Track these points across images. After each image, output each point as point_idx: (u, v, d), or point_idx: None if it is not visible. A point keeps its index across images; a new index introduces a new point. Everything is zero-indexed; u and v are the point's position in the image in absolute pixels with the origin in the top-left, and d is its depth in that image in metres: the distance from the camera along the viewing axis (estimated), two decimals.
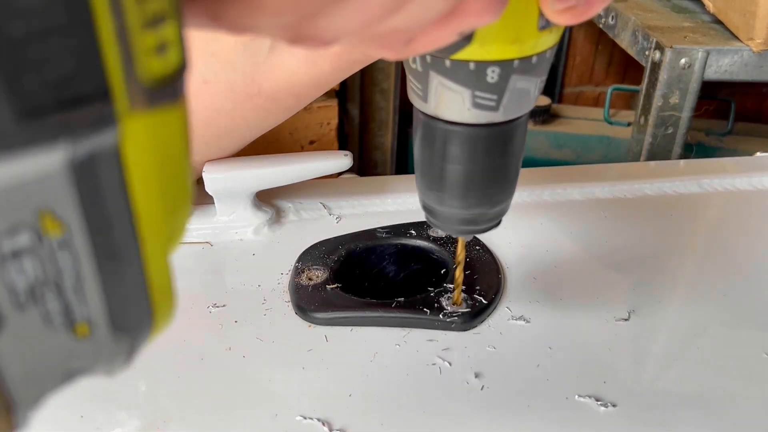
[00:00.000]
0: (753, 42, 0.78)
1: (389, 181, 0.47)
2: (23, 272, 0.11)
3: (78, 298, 0.12)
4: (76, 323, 0.12)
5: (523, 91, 0.24)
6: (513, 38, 0.22)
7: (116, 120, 0.11)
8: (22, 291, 0.11)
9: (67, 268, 0.12)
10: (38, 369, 0.12)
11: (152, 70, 0.11)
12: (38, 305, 0.12)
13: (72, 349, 0.12)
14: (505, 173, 0.27)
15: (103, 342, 0.13)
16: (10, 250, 0.11)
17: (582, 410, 0.30)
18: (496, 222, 0.29)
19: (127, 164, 0.11)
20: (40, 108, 0.10)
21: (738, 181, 0.48)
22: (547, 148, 1.22)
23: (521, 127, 0.26)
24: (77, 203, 0.11)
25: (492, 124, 0.24)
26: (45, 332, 0.12)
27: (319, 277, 0.37)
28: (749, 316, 0.36)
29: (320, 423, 0.29)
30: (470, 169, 0.26)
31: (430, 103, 0.24)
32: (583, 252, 0.41)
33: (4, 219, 0.10)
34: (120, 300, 0.13)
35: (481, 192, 0.27)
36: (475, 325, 0.34)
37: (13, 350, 0.11)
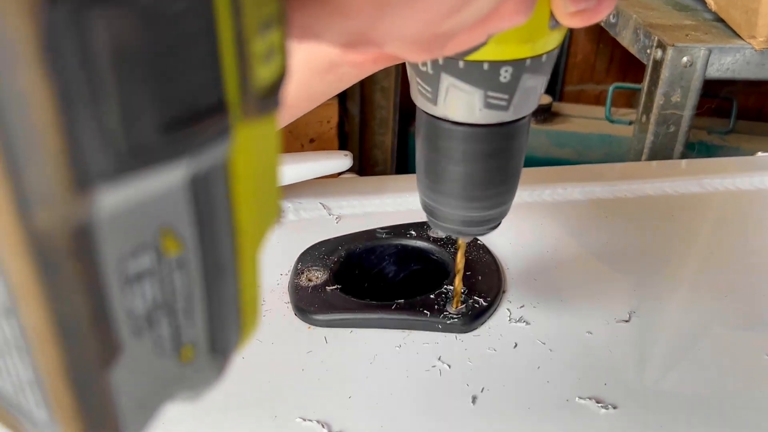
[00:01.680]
0: (755, 40, 0.77)
1: (389, 181, 0.47)
2: (143, 296, 0.11)
3: (187, 320, 0.12)
4: (182, 346, 0.12)
5: (532, 90, 0.24)
6: (526, 37, 0.22)
7: (230, 131, 0.11)
8: (140, 316, 0.11)
9: (181, 289, 0.11)
10: (145, 397, 0.12)
11: (263, 78, 0.11)
12: (153, 330, 0.11)
13: (175, 375, 0.12)
14: (508, 173, 0.27)
15: (202, 365, 0.12)
16: (134, 273, 0.10)
17: (582, 412, 0.30)
18: (496, 223, 0.29)
19: (235, 176, 0.11)
20: (177, 120, 0.10)
21: (739, 180, 0.48)
22: (548, 147, 1.22)
23: (526, 126, 0.26)
24: (194, 220, 0.11)
25: (501, 123, 0.25)
26: (155, 359, 0.11)
27: (319, 278, 0.37)
28: (750, 316, 0.36)
29: (319, 425, 0.29)
30: (476, 169, 0.26)
31: (440, 105, 0.24)
32: (584, 252, 0.41)
33: (132, 239, 0.10)
34: (219, 319, 0.12)
35: (486, 192, 0.27)
36: (475, 327, 0.34)
37: (127, 380, 0.11)
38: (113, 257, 0.10)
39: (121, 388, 0.11)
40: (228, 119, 0.10)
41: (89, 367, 0.10)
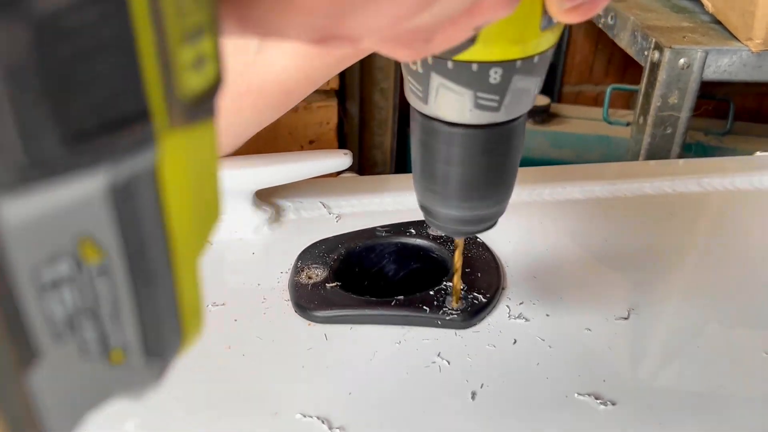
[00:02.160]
0: (752, 42, 0.78)
1: (389, 180, 0.47)
2: (62, 302, 0.11)
3: (114, 325, 0.11)
4: (111, 350, 0.12)
5: (524, 91, 0.24)
6: (516, 38, 0.22)
7: (155, 140, 0.10)
8: (60, 321, 0.11)
9: (105, 295, 0.11)
10: (72, 399, 0.12)
11: (191, 86, 0.11)
12: (75, 335, 0.11)
13: (106, 377, 0.12)
14: (503, 174, 0.27)
15: (136, 367, 0.12)
16: (50, 280, 0.10)
17: (581, 409, 0.30)
18: (492, 222, 0.29)
19: (163, 184, 0.11)
20: (85, 131, 0.09)
21: (738, 180, 0.49)
22: (546, 148, 1.22)
23: (520, 127, 0.26)
24: (116, 228, 0.11)
25: (493, 124, 0.24)
26: (80, 362, 0.11)
27: (319, 276, 0.37)
28: (749, 315, 0.36)
29: (320, 421, 0.29)
30: (470, 170, 0.26)
31: (430, 105, 0.24)
32: (583, 250, 0.41)
33: (45, 248, 0.10)
34: (153, 323, 0.12)
35: (480, 193, 0.27)
36: (475, 324, 0.34)
37: (49, 383, 0.11)
38: (25, 265, 0.10)
39: (43, 391, 0.11)
40: (151, 128, 0.10)
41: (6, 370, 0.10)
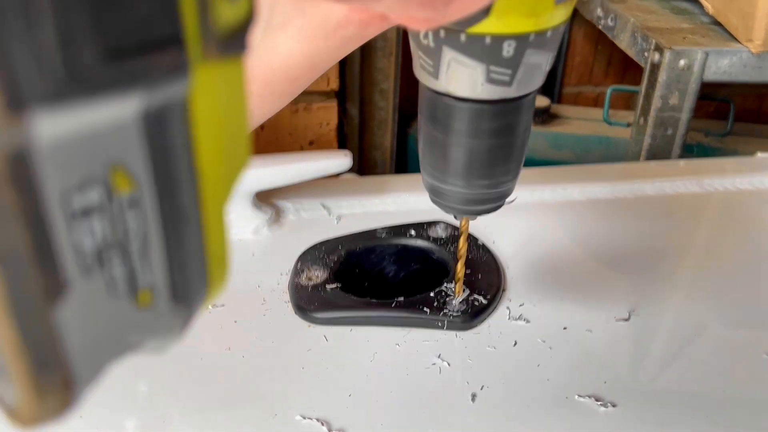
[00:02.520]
0: (752, 43, 0.78)
1: (389, 181, 0.47)
2: (92, 233, 0.10)
3: (143, 264, 0.11)
4: (139, 291, 0.11)
5: (536, 66, 0.23)
6: (530, 11, 0.22)
7: (188, 68, 0.10)
8: (89, 253, 0.10)
9: (135, 230, 0.11)
10: (98, 341, 0.11)
11: (225, 18, 0.11)
12: (104, 270, 0.11)
13: (132, 320, 0.11)
14: (513, 151, 0.26)
15: (162, 312, 0.12)
16: (80, 208, 0.10)
17: (582, 410, 0.30)
18: (499, 203, 0.29)
19: (194, 118, 0.11)
20: (123, 49, 0.09)
21: (738, 181, 0.48)
22: (546, 149, 1.22)
23: (530, 104, 0.26)
24: (148, 159, 0.10)
25: (504, 100, 0.24)
26: (108, 300, 0.11)
27: (319, 277, 0.37)
28: (749, 316, 0.36)
29: (319, 423, 0.29)
30: (480, 146, 0.26)
31: (441, 80, 0.24)
32: (583, 252, 0.41)
33: (77, 172, 0.09)
34: (181, 267, 0.12)
35: (490, 170, 0.26)
36: (475, 325, 0.34)
37: (76, 320, 0.10)
38: (56, 189, 0.09)
39: (70, 328, 0.10)
40: (185, 56, 0.10)
41: (33, 302, 0.10)
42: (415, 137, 1.26)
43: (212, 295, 0.13)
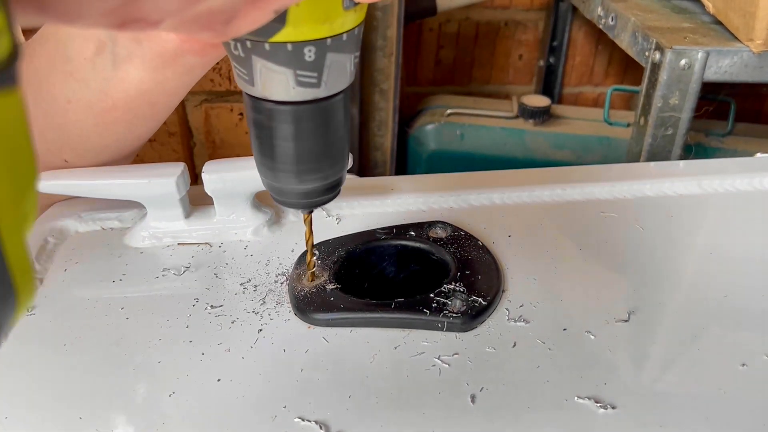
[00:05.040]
0: (753, 43, 0.78)
1: (389, 182, 0.47)
2: None
3: None
4: None
5: (341, 66, 0.26)
6: (323, 19, 0.24)
7: None
8: None
9: None
10: None
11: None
12: None
13: None
14: (332, 146, 0.29)
15: None
16: None
17: (581, 412, 0.30)
18: (335, 192, 0.31)
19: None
20: None
21: (738, 181, 0.48)
22: (547, 149, 1.22)
23: (343, 101, 0.28)
24: None
25: (316, 99, 0.26)
26: None
27: (319, 278, 0.37)
28: (750, 318, 0.36)
29: (318, 425, 0.29)
30: (302, 144, 0.28)
31: (257, 86, 0.26)
32: (583, 252, 0.41)
33: None
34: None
35: (315, 165, 0.29)
36: (475, 326, 0.34)
37: None
38: None
39: None
40: None
41: None
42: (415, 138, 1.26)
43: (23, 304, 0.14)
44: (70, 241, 0.42)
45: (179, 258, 0.40)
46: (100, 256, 0.40)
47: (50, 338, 0.34)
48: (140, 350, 0.33)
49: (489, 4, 1.33)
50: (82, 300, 0.37)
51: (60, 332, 0.34)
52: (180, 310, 0.36)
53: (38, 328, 0.35)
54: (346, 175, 0.31)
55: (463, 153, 1.23)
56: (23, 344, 0.34)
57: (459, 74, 1.40)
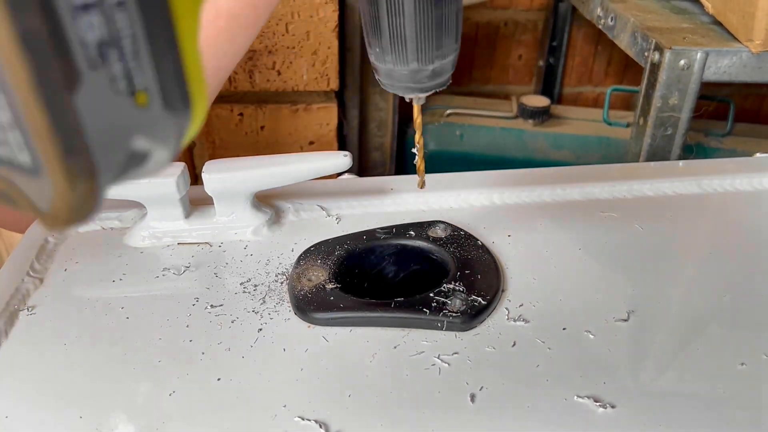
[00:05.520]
0: (752, 43, 0.78)
1: (389, 182, 0.47)
2: (92, 27, 0.12)
3: (136, 65, 0.13)
4: (137, 91, 0.13)
5: None
6: None
7: None
8: (92, 46, 0.12)
9: (124, 29, 0.13)
10: (110, 132, 0.13)
11: None
12: (105, 66, 0.13)
13: (134, 118, 0.13)
14: (450, 22, 0.29)
15: (157, 116, 0.14)
16: (81, 3, 0.12)
17: (581, 411, 0.30)
18: (445, 78, 0.31)
19: None
20: None
21: (738, 181, 0.48)
22: (546, 149, 1.22)
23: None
24: None
25: None
26: (112, 95, 0.13)
27: (319, 278, 0.37)
28: (749, 316, 0.36)
29: (318, 425, 0.29)
30: (419, 20, 0.28)
31: None
32: (582, 252, 0.41)
33: None
34: (167, 76, 0.14)
35: (431, 43, 0.29)
36: (475, 326, 0.34)
37: (90, 109, 0.12)
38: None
39: (87, 115, 0.12)
40: None
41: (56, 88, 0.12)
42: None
43: (198, 115, 0.15)
44: (70, 241, 0.42)
45: (179, 258, 0.40)
46: (100, 256, 0.40)
47: (50, 338, 0.34)
48: (140, 350, 0.33)
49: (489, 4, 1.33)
50: (82, 300, 0.37)
51: (60, 332, 0.34)
52: (180, 310, 0.36)
53: (38, 328, 0.35)
54: (456, 60, 0.31)
55: (462, 153, 1.23)
56: (23, 344, 0.34)
57: (458, 74, 1.40)
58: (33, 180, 0.13)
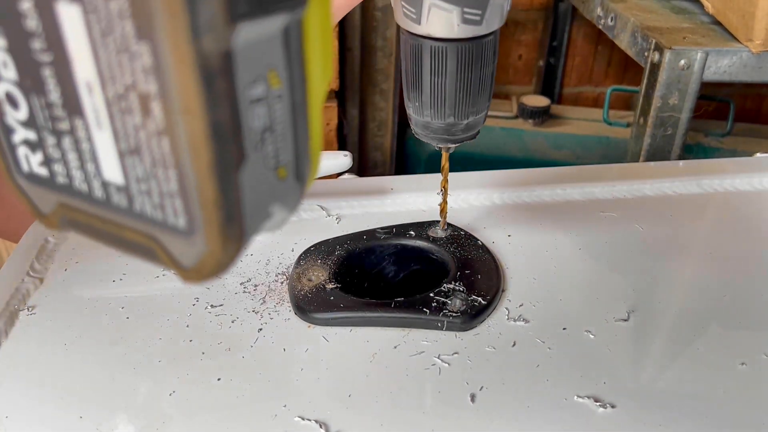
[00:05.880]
0: (752, 43, 0.78)
1: (389, 182, 0.47)
2: (258, 117, 0.14)
3: (283, 145, 0.15)
4: (280, 166, 0.15)
5: (500, 6, 0.29)
6: None
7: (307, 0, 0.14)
8: (257, 132, 0.14)
9: (280, 117, 0.15)
10: (258, 202, 0.15)
11: None
12: (263, 147, 0.14)
13: (274, 190, 0.15)
14: (483, 82, 0.31)
15: (290, 186, 0.16)
16: (253, 97, 0.14)
17: (581, 411, 0.30)
18: (475, 131, 0.33)
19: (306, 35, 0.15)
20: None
21: (738, 181, 0.48)
22: (546, 149, 1.22)
23: (495, 40, 0.31)
24: (286, 64, 0.14)
25: (476, 37, 0.29)
26: (264, 171, 0.15)
27: (319, 278, 0.37)
28: (749, 317, 0.36)
29: (318, 424, 0.29)
30: (457, 79, 0.30)
31: (423, 24, 0.28)
32: (583, 252, 0.41)
33: (252, 70, 0.13)
34: (301, 152, 0.16)
35: (468, 100, 0.31)
36: (475, 326, 0.34)
37: (248, 184, 0.14)
38: (242, 81, 0.13)
39: (245, 189, 0.14)
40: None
41: (229, 166, 0.14)
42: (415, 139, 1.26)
43: (312, 178, 0.17)
44: (70, 241, 0.42)
45: None
46: (101, 256, 0.40)
47: (50, 338, 0.34)
48: (140, 350, 0.33)
49: None
50: (82, 300, 0.37)
51: (60, 332, 0.34)
52: (180, 310, 0.36)
53: (38, 328, 0.35)
54: (486, 116, 0.33)
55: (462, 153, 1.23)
56: (23, 344, 0.34)
57: None
58: (182, 240, 0.15)
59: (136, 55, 0.13)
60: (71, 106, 0.14)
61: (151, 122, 0.13)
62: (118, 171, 0.15)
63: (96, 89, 0.14)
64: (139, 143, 0.14)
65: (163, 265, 0.15)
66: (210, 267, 0.14)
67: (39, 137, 0.16)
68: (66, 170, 0.16)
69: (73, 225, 0.16)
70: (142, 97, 0.13)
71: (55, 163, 0.16)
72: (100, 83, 0.14)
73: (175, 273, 0.15)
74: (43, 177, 0.16)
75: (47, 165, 0.16)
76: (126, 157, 0.14)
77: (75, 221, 0.16)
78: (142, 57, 0.13)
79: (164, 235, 0.15)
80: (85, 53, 0.13)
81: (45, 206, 0.17)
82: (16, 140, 0.16)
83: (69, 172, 0.16)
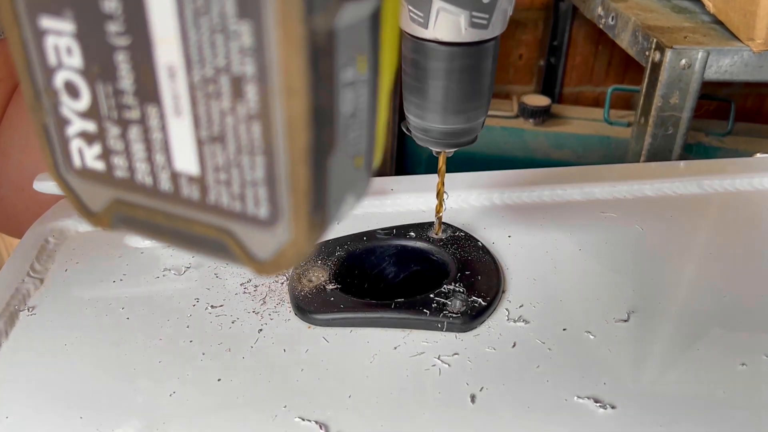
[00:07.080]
0: (753, 42, 0.78)
1: (389, 182, 0.47)
2: (347, 102, 0.14)
3: (361, 132, 0.15)
4: (358, 155, 0.15)
5: (505, 10, 0.29)
6: None
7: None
8: (345, 118, 0.14)
9: (362, 104, 0.14)
10: (340, 190, 0.14)
11: None
12: (347, 134, 0.14)
13: (352, 177, 0.15)
14: (484, 86, 0.31)
15: (362, 175, 0.15)
16: (345, 81, 0.13)
17: (581, 411, 0.30)
18: (474, 135, 0.34)
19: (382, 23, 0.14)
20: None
21: (738, 182, 0.48)
22: (547, 149, 1.22)
23: (497, 45, 0.31)
24: (371, 49, 0.14)
25: (482, 41, 0.29)
26: (346, 159, 0.14)
27: (319, 279, 0.37)
28: (750, 318, 0.36)
29: (318, 425, 0.29)
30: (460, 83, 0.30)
31: (430, 28, 0.28)
32: (583, 252, 0.41)
33: (345, 54, 0.13)
34: (370, 139, 0.15)
35: (466, 105, 0.31)
36: (475, 327, 0.34)
37: (333, 171, 0.14)
38: (338, 63, 0.13)
39: (331, 177, 0.14)
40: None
41: (323, 151, 0.13)
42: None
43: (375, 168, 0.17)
44: (70, 241, 0.42)
45: (180, 258, 0.40)
46: (101, 256, 0.40)
47: (50, 339, 0.34)
48: (140, 350, 0.33)
49: None
50: (82, 300, 0.37)
51: (60, 332, 0.34)
52: (180, 310, 0.36)
53: (38, 328, 0.35)
54: (485, 120, 0.33)
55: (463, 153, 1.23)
56: (23, 345, 0.34)
57: None
58: (260, 231, 0.14)
59: (234, 36, 0.12)
60: (145, 93, 0.14)
61: (242, 106, 0.13)
62: (194, 161, 0.14)
63: (179, 73, 0.13)
64: (224, 130, 0.13)
65: (234, 260, 0.15)
66: (289, 257, 0.14)
67: (99, 128, 0.15)
68: (128, 163, 0.15)
69: (128, 222, 0.16)
70: (234, 80, 0.13)
71: (115, 156, 0.15)
72: (185, 67, 0.13)
73: (247, 267, 0.14)
74: (97, 171, 0.15)
75: (105, 158, 0.15)
76: (206, 146, 0.14)
77: (131, 218, 0.15)
78: (241, 37, 0.12)
79: (240, 227, 0.14)
80: (172, 35, 0.13)
81: (96, 204, 0.16)
82: (70, 132, 0.15)
83: (131, 165, 0.15)
